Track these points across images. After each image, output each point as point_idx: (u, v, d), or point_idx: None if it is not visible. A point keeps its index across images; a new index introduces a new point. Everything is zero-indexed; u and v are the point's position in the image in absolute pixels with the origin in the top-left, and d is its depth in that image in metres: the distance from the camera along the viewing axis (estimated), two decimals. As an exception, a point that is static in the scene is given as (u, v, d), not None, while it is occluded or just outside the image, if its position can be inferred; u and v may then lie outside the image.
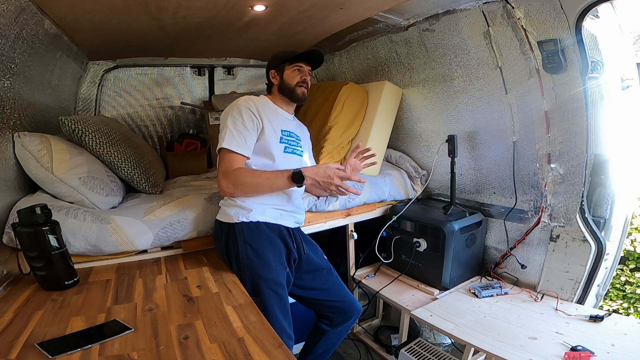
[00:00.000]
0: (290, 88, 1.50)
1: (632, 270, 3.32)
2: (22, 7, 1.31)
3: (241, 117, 1.36)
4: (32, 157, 1.39)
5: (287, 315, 1.36)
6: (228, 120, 1.36)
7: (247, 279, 1.32)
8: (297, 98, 1.51)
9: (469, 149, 2.04)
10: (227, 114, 1.39)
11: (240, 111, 1.37)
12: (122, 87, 2.55)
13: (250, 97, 1.45)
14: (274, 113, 1.50)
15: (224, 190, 1.34)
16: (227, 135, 1.34)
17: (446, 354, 1.73)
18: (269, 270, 1.34)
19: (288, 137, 1.50)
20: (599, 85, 1.54)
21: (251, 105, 1.39)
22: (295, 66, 1.49)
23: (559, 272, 1.71)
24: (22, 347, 0.87)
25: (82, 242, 1.36)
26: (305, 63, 1.52)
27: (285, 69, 1.50)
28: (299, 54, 1.49)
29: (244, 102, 1.40)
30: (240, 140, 1.34)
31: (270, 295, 1.32)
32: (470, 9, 1.70)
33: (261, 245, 1.36)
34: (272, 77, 1.53)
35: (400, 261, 2.04)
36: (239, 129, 1.35)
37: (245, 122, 1.36)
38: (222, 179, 1.33)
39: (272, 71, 1.53)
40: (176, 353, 0.86)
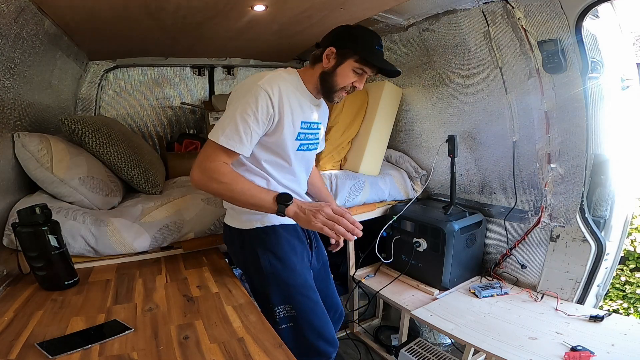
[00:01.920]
0: (333, 86, 1.21)
1: (632, 270, 3.32)
2: (22, 7, 1.31)
3: (256, 105, 1.10)
4: (32, 157, 1.39)
5: (323, 317, 1.26)
6: (238, 105, 1.11)
7: (274, 289, 1.21)
8: (331, 100, 1.26)
9: (469, 149, 2.04)
10: (240, 95, 1.13)
11: (257, 100, 1.10)
12: (122, 87, 2.55)
13: (276, 77, 1.15)
14: (299, 100, 1.21)
15: (195, 180, 1.12)
16: (229, 128, 1.09)
17: (446, 354, 1.73)
18: (295, 275, 1.23)
19: (306, 130, 1.26)
20: (599, 85, 1.54)
21: (272, 91, 1.12)
22: (361, 67, 1.19)
23: (559, 272, 1.71)
24: (22, 347, 0.87)
25: (81, 244, 1.36)
26: (374, 71, 1.22)
27: (348, 61, 1.18)
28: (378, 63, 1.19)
29: (267, 84, 1.12)
30: (244, 137, 1.10)
31: (303, 301, 1.22)
32: (470, 9, 1.70)
33: (282, 249, 1.24)
34: (327, 55, 1.19)
35: (400, 261, 2.04)
36: (248, 120, 1.10)
37: (259, 113, 1.10)
38: (197, 169, 1.11)
39: (332, 48, 1.18)
40: (176, 353, 0.86)
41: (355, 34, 1.19)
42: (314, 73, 1.23)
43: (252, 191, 1.11)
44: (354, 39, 1.18)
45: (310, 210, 1.10)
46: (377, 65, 1.19)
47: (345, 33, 1.20)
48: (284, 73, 1.20)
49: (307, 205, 1.12)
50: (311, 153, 1.36)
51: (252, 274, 1.28)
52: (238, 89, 1.18)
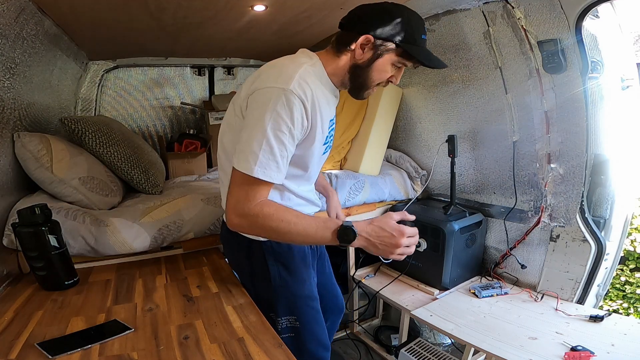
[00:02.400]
0: (367, 83, 1.02)
1: (632, 270, 3.32)
2: (22, 7, 1.31)
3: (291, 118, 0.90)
4: (32, 157, 1.39)
5: (323, 326, 1.26)
6: (268, 117, 0.88)
7: (280, 300, 1.17)
8: (359, 96, 1.07)
9: (469, 149, 2.04)
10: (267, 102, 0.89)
11: (292, 111, 0.89)
12: (122, 87, 2.55)
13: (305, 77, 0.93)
14: (326, 97, 1.02)
15: (235, 226, 0.95)
16: (264, 152, 0.88)
17: (446, 354, 1.73)
18: (303, 287, 1.20)
19: (331, 131, 1.12)
20: (599, 85, 1.54)
21: (306, 97, 0.91)
22: (403, 60, 0.99)
23: (559, 272, 1.71)
24: (22, 347, 0.87)
25: (81, 244, 1.36)
26: (417, 65, 1.03)
27: (388, 52, 0.97)
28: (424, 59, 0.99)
29: (298, 87, 0.90)
30: (282, 162, 0.92)
31: (308, 312, 1.20)
32: (470, 9, 1.70)
33: (294, 261, 1.17)
34: (361, 45, 0.97)
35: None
36: (283, 139, 0.90)
37: (295, 128, 0.91)
38: (235, 215, 0.92)
39: (367, 36, 0.95)
40: (176, 353, 0.86)
41: (398, 18, 0.95)
42: (341, 63, 1.01)
43: (307, 231, 0.92)
44: (397, 26, 0.94)
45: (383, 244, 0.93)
46: (423, 60, 0.99)
47: (385, 16, 0.95)
48: (309, 66, 0.98)
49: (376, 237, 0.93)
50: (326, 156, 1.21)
51: (258, 283, 1.22)
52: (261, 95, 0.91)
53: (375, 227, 0.92)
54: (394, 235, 0.91)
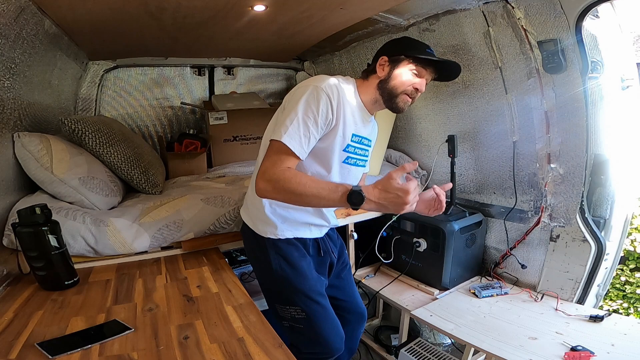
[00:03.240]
0: (394, 92, 1.17)
1: (632, 270, 3.32)
2: (22, 7, 1.31)
3: (317, 108, 1.07)
4: (31, 157, 1.39)
5: (333, 322, 1.29)
6: (300, 103, 1.07)
7: (283, 291, 1.26)
8: (394, 107, 1.20)
9: (469, 149, 2.04)
10: (301, 94, 1.08)
11: (319, 99, 1.07)
12: (122, 87, 2.55)
13: (336, 80, 1.13)
14: (353, 110, 1.18)
15: (260, 190, 1.06)
16: (293, 126, 1.05)
17: (446, 354, 1.73)
18: (305, 280, 1.26)
19: (356, 145, 1.23)
20: (599, 85, 1.54)
21: (333, 96, 1.09)
22: (417, 67, 1.17)
23: (559, 272, 1.71)
24: (22, 347, 0.87)
25: (81, 244, 1.36)
26: (431, 71, 1.19)
27: (402, 64, 1.16)
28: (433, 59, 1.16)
29: (328, 87, 1.09)
30: (304, 139, 1.07)
31: (311, 305, 1.25)
32: (470, 9, 1.70)
33: (292, 256, 1.26)
34: (380, 64, 1.18)
35: (400, 261, 2.04)
36: (307, 122, 1.07)
37: (319, 116, 1.08)
38: (262, 179, 1.05)
39: (384, 57, 1.18)
40: (176, 353, 0.86)
41: (405, 41, 1.22)
42: (370, 85, 1.21)
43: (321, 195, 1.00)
44: (404, 44, 1.20)
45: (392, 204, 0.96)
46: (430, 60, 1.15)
47: (394, 42, 1.22)
48: (343, 81, 1.18)
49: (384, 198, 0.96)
50: (358, 170, 1.30)
51: (262, 274, 1.32)
52: (296, 90, 1.12)
53: (380, 191, 0.96)
54: (399, 195, 0.94)
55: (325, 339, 1.27)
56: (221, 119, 2.54)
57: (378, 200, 0.96)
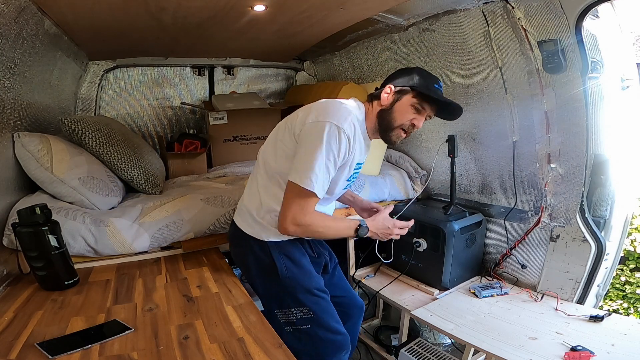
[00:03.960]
0: (391, 124, 1.21)
1: (632, 270, 3.32)
2: (22, 7, 1.31)
3: (338, 151, 1.10)
4: (31, 157, 1.39)
5: (336, 316, 1.32)
6: (323, 144, 1.08)
7: (289, 291, 1.25)
8: (387, 139, 1.25)
9: (469, 149, 2.04)
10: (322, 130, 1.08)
11: (340, 142, 1.10)
12: (122, 87, 2.55)
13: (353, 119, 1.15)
14: (362, 142, 1.23)
15: (288, 232, 1.17)
16: (321, 172, 1.09)
17: (446, 354, 1.73)
18: (309, 278, 1.28)
19: (356, 171, 1.29)
20: (599, 85, 1.54)
21: (352, 137, 1.13)
22: (419, 103, 1.19)
23: (559, 272, 1.71)
24: (22, 347, 0.88)
25: (81, 244, 1.36)
26: (434, 108, 1.21)
27: (406, 97, 1.19)
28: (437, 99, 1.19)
29: (348, 128, 1.11)
30: (326, 181, 1.12)
31: (317, 301, 1.27)
32: (470, 9, 1.70)
33: (295, 254, 1.29)
34: (386, 92, 1.21)
35: (400, 261, 2.03)
36: (330, 166, 1.11)
37: (339, 158, 1.12)
38: (292, 224, 1.13)
39: (390, 86, 1.21)
40: (176, 353, 0.86)
41: (414, 72, 1.21)
42: (372, 111, 1.24)
43: (340, 232, 1.25)
44: (412, 76, 1.20)
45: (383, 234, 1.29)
46: (435, 98, 1.18)
47: (403, 71, 1.23)
48: (358, 113, 1.21)
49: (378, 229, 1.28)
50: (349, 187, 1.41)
51: (266, 279, 1.28)
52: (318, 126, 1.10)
53: (376, 223, 1.29)
54: (388, 227, 1.30)
55: (336, 331, 1.29)
56: (221, 119, 2.54)
57: (374, 229, 1.28)
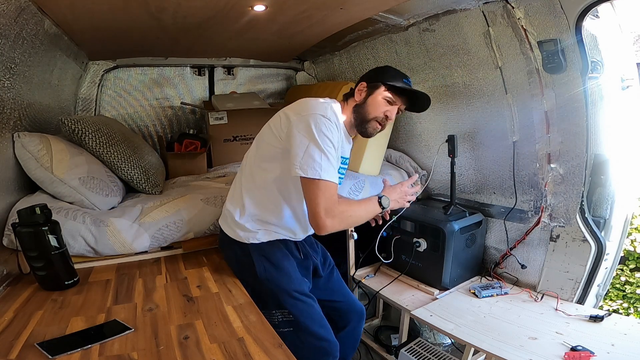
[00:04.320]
0: (365, 117, 1.27)
1: (632, 270, 3.32)
2: (22, 7, 1.31)
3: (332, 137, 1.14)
4: (31, 157, 1.39)
5: (321, 320, 1.30)
6: (316, 135, 1.11)
7: (269, 293, 1.26)
8: (364, 132, 1.31)
9: (469, 149, 2.04)
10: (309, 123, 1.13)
11: (331, 129, 1.14)
12: (122, 87, 2.55)
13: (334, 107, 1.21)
14: (342, 134, 1.28)
15: (328, 228, 1.14)
16: (324, 160, 1.11)
17: (446, 354, 1.73)
18: (289, 280, 1.28)
19: (343, 166, 1.33)
20: (599, 85, 1.54)
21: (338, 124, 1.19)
22: (389, 96, 1.26)
23: (559, 272, 1.71)
24: (22, 347, 0.87)
25: (81, 244, 1.36)
26: (404, 100, 1.29)
27: (378, 91, 1.26)
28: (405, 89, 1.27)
29: (331, 115, 1.16)
30: (331, 168, 1.14)
31: (296, 305, 1.26)
32: (470, 9, 1.70)
33: (275, 256, 1.29)
34: (359, 89, 1.29)
35: (400, 261, 2.04)
36: (331, 152, 1.13)
37: (334, 144, 1.15)
38: (327, 217, 1.12)
39: (362, 83, 1.29)
40: (176, 353, 0.86)
41: (384, 69, 1.31)
42: (348, 108, 1.31)
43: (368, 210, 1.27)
44: (383, 73, 1.30)
45: (401, 199, 1.36)
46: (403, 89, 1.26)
47: (375, 70, 1.33)
48: (337, 107, 1.25)
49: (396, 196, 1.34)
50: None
51: (249, 280, 1.29)
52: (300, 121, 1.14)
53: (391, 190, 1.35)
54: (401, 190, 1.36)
55: (319, 336, 1.27)
56: (221, 119, 2.54)
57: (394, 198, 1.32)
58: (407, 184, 1.39)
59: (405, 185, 1.38)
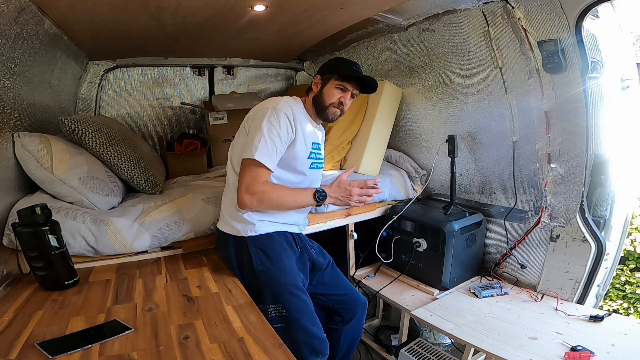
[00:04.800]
0: (323, 104, 1.39)
1: (632, 270, 3.32)
2: (22, 7, 1.31)
3: (278, 125, 1.26)
4: (32, 157, 1.39)
5: (313, 317, 1.32)
6: (264, 124, 1.24)
7: (265, 287, 1.28)
8: (325, 117, 1.41)
9: (469, 149, 2.04)
10: (262, 117, 1.26)
11: (279, 117, 1.26)
12: (122, 87, 2.54)
13: (289, 101, 1.34)
14: (306, 123, 1.39)
15: (246, 205, 1.25)
16: (261, 144, 1.23)
17: (446, 354, 1.73)
18: (285, 275, 1.30)
19: (316, 151, 1.43)
20: (599, 85, 1.54)
21: (289, 113, 1.29)
22: (341, 84, 1.38)
23: (559, 272, 1.71)
24: (22, 347, 0.88)
25: (81, 244, 1.36)
26: (354, 85, 1.40)
27: (330, 81, 1.38)
28: (351, 76, 1.37)
29: (284, 107, 1.29)
30: (272, 152, 1.25)
31: (291, 300, 1.28)
32: (470, 9, 1.70)
33: (273, 250, 1.33)
34: (315, 82, 1.42)
35: (400, 261, 2.04)
36: (273, 138, 1.24)
37: (281, 131, 1.26)
38: (246, 194, 1.23)
39: (317, 76, 1.42)
40: (176, 353, 0.86)
41: (333, 61, 1.43)
42: (309, 100, 1.43)
43: (297, 198, 1.33)
44: (332, 64, 1.42)
45: (344, 197, 1.37)
46: (351, 75, 1.37)
47: (327, 63, 1.44)
48: (292, 100, 1.38)
49: (337, 193, 1.37)
50: (320, 172, 1.52)
51: (246, 274, 1.33)
52: (256, 114, 1.31)
53: (334, 187, 1.38)
54: (347, 189, 1.37)
55: (309, 332, 1.28)
56: (221, 119, 2.54)
57: (334, 194, 1.36)
58: (357, 184, 1.37)
59: (356, 185, 1.37)
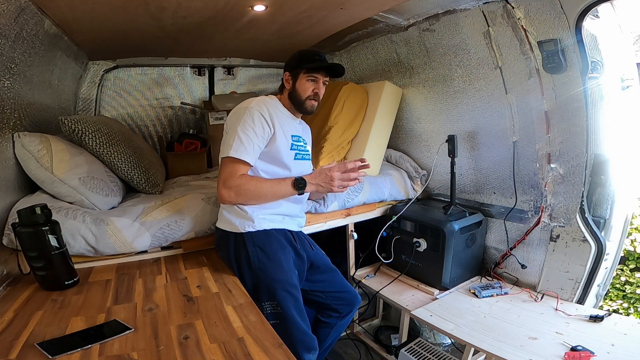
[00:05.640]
0: (300, 99, 1.42)
1: (632, 270, 3.31)
2: (22, 7, 1.31)
3: (252, 123, 1.29)
4: (32, 157, 1.39)
5: (304, 316, 1.33)
6: (238, 125, 1.29)
7: (261, 284, 1.30)
8: (304, 110, 1.45)
9: (469, 149, 2.04)
10: (237, 118, 1.31)
11: (253, 116, 1.30)
12: (122, 87, 2.55)
13: (262, 100, 1.38)
14: (285, 117, 1.43)
15: (225, 198, 1.29)
16: (236, 142, 1.27)
17: (446, 354, 1.73)
18: (281, 272, 1.32)
19: (297, 143, 1.45)
20: (599, 85, 1.54)
21: (264, 110, 1.33)
22: (310, 76, 1.40)
23: (559, 272, 1.71)
24: (22, 347, 0.87)
25: (81, 244, 1.36)
26: (323, 74, 1.42)
27: (300, 76, 1.41)
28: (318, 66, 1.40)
29: (256, 105, 1.33)
30: (248, 147, 1.28)
31: (286, 297, 1.29)
32: (470, 9, 1.70)
33: (271, 247, 1.34)
34: (286, 79, 1.44)
35: (400, 261, 2.04)
36: (248, 134, 1.28)
37: (256, 128, 1.30)
38: (223, 188, 1.28)
39: (286, 73, 1.44)
40: (176, 353, 0.86)
41: (297, 55, 1.45)
42: (284, 97, 1.47)
43: (274, 188, 1.33)
44: (297, 58, 1.43)
45: (326, 183, 1.35)
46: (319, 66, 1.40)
47: (291, 58, 1.46)
48: (267, 99, 1.42)
49: (318, 180, 1.36)
50: (307, 162, 1.53)
51: (244, 271, 1.34)
52: (232, 115, 1.36)
53: (315, 174, 1.38)
54: (327, 174, 1.35)
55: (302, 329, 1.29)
56: (221, 119, 2.54)
57: (315, 181, 1.35)
58: (337, 169, 1.35)
59: (335, 169, 1.35)
